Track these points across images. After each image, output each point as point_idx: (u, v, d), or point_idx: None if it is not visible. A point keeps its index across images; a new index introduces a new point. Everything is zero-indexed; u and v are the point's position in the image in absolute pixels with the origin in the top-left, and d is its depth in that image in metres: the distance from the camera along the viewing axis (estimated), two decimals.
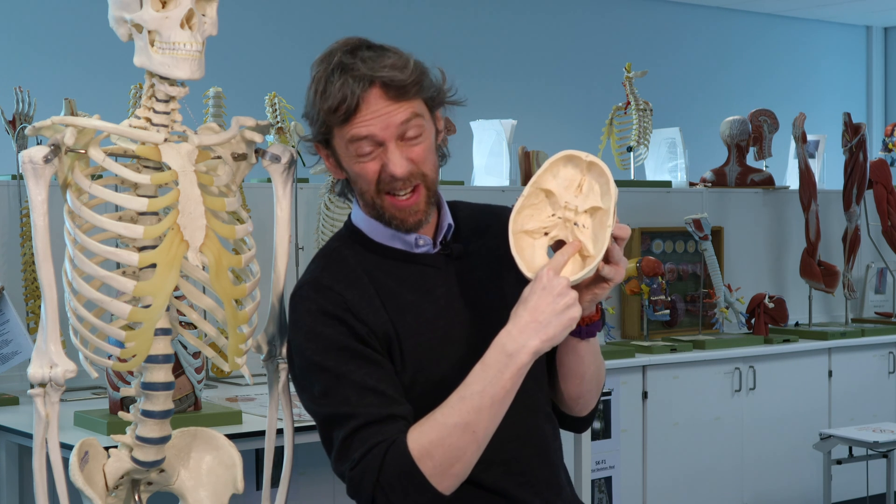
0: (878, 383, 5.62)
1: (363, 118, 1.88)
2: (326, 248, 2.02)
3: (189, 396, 3.36)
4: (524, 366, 1.79)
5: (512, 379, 1.78)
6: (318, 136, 1.95)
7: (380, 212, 1.94)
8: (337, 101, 1.87)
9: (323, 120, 1.90)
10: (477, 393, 1.78)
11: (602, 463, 4.72)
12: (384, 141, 1.89)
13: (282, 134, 4.36)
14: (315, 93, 1.90)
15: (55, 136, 1.98)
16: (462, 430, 1.78)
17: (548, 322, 1.77)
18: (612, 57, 7.86)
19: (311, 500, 4.16)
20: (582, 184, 1.88)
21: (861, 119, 8.98)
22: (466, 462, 1.80)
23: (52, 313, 1.99)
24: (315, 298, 1.91)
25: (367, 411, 1.82)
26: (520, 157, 5.24)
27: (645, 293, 5.04)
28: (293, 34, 7.04)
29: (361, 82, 1.87)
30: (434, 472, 1.78)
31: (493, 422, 1.80)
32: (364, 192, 1.94)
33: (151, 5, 1.94)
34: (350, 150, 1.90)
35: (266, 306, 2.16)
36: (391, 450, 1.79)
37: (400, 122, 1.89)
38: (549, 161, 1.89)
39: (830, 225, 5.99)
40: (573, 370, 2.02)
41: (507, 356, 1.78)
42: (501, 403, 1.79)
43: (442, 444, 1.78)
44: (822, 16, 9.31)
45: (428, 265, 1.98)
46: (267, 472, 2.25)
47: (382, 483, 1.79)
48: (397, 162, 1.89)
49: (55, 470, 2.01)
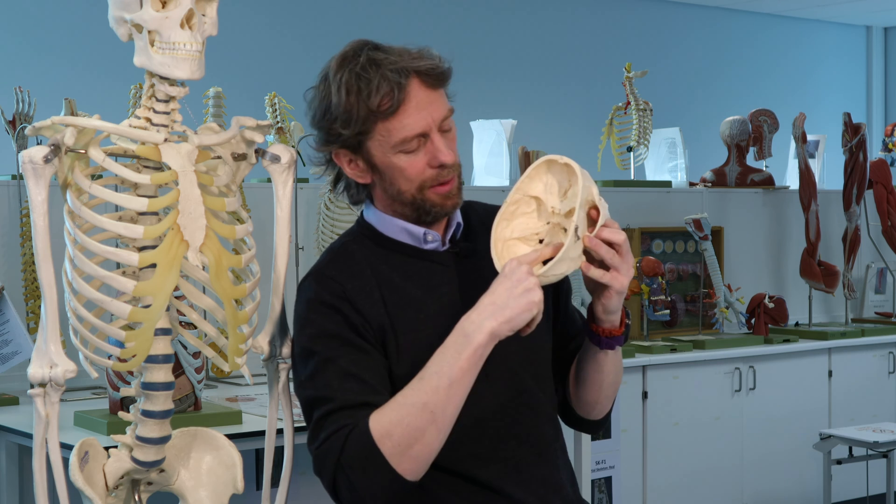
0: (878, 383, 5.61)
1: (411, 110, 1.88)
2: (336, 243, 2.04)
3: (189, 396, 3.36)
4: (480, 346, 1.80)
5: (469, 359, 1.79)
6: (351, 139, 1.91)
7: (419, 205, 1.94)
8: (381, 94, 1.86)
9: (364, 117, 1.88)
10: (434, 373, 1.80)
11: (602, 463, 4.72)
12: (429, 131, 1.90)
13: (282, 134, 4.35)
14: (348, 93, 1.87)
15: (55, 136, 1.98)
16: (420, 409, 1.79)
17: (505, 304, 1.79)
18: (612, 57, 7.86)
19: (311, 500, 4.15)
20: (568, 188, 1.90)
21: (861, 119, 8.97)
22: (427, 444, 1.80)
23: (52, 313, 1.98)
24: (315, 288, 1.94)
25: (344, 396, 1.85)
26: (520, 157, 5.24)
27: (645, 293, 5.04)
28: (293, 34, 7.04)
29: (402, 74, 1.86)
30: (393, 452, 1.79)
31: (452, 402, 1.80)
32: (403, 192, 1.94)
33: (151, 5, 1.94)
34: (396, 145, 1.89)
35: (266, 306, 2.16)
36: (354, 431, 1.81)
37: (444, 115, 1.91)
38: (530, 168, 1.92)
39: (830, 225, 5.98)
40: (591, 377, 2.04)
41: (464, 337, 1.80)
42: (459, 383, 1.80)
43: (400, 424, 1.80)
44: (822, 16, 9.31)
45: (435, 262, 1.98)
46: (267, 472, 2.25)
47: (342, 463, 1.81)
48: (445, 150, 1.91)
49: (55, 470, 2.01)
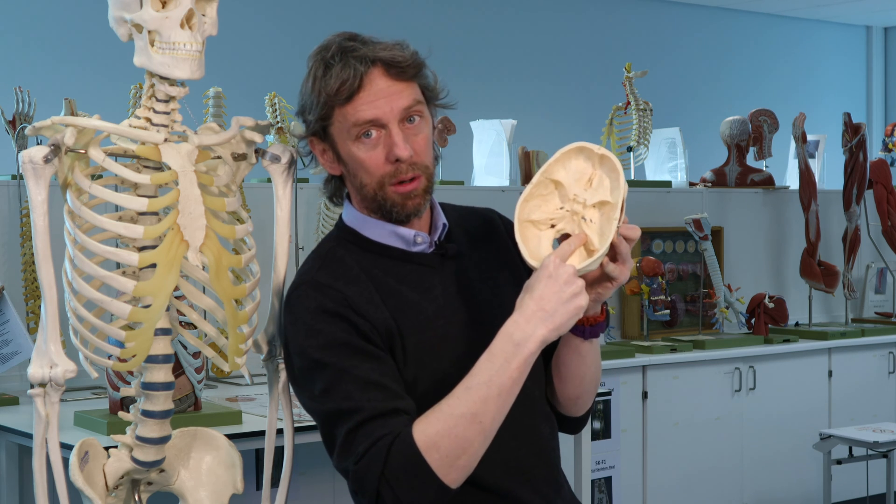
0: (878, 383, 5.61)
1: (367, 97, 1.86)
2: (319, 249, 1.99)
3: (189, 396, 3.36)
4: (531, 355, 1.76)
5: (519, 368, 1.76)
6: (315, 125, 1.91)
7: (381, 202, 1.91)
8: (339, 80, 1.85)
9: (323, 102, 1.88)
10: (484, 383, 1.76)
11: (602, 463, 4.72)
12: (387, 123, 1.87)
13: (282, 134, 4.35)
14: (314, 79, 1.89)
15: (55, 136, 1.98)
16: (469, 420, 1.75)
17: (554, 310, 1.75)
18: (612, 57, 7.86)
19: (311, 500, 4.15)
20: (592, 177, 1.85)
21: (861, 119, 8.98)
22: (473, 454, 1.77)
23: (52, 313, 1.98)
24: (314, 296, 1.87)
25: (371, 405, 1.78)
26: (520, 157, 5.24)
27: (645, 293, 5.04)
28: (293, 34, 7.03)
29: (363, 62, 1.86)
30: (441, 464, 1.75)
31: (501, 412, 1.77)
32: (365, 185, 1.92)
33: (151, 5, 1.94)
34: (352, 132, 1.88)
35: (266, 306, 2.16)
36: (396, 442, 1.75)
37: (404, 106, 1.88)
38: (560, 151, 1.86)
39: (830, 225, 5.99)
40: (574, 371, 2.00)
41: (514, 345, 1.76)
42: (509, 393, 1.77)
43: (448, 435, 1.75)
44: (822, 16, 9.31)
45: (424, 264, 1.96)
46: (267, 472, 2.25)
47: (387, 476, 1.74)
48: (401, 143, 1.87)
49: (55, 470, 2.01)
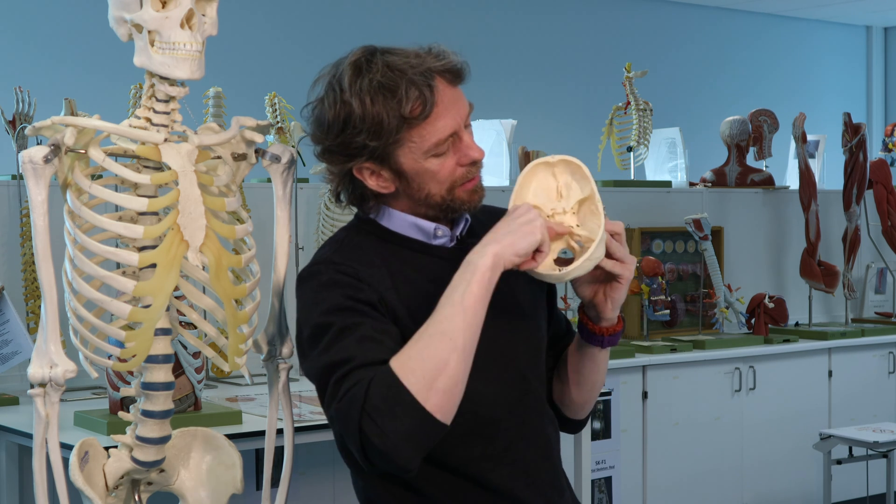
0: (878, 383, 5.61)
1: (441, 112, 1.85)
2: (337, 236, 1.98)
3: (189, 396, 3.36)
4: (487, 268, 1.77)
5: (479, 284, 1.77)
6: (376, 151, 1.85)
7: (448, 205, 1.91)
8: (412, 100, 1.82)
9: (396, 127, 1.83)
10: (447, 304, 1.78)
11: (602, 463, 4.72)
12: (458, 130, 1.88)
13: (282, 134, 4.36)
14: (373, 103, 1.82)
15: (55, 136, 1.98)
16: (439, 338, 1.75)
17: (505, 234, 1.79)
18: (612, 57, 7.86)
19: (311, 500, 4.15)
20: (560, 188, 1.89)
21: (861, 119, 8.97)
22: (451, 375, 1.75)
23: (52, 313, 1.99)
24: (326, 271, 1.87)
25: (364, 356, 1.78)
26: (520, 157, 5.24)
27: (645, 293, 5.04)
28: (293, 34, 7.04)
29: (427, 76, 1.83)
30: (420, 387, 1.73)
31: (469, 328, 1.77)
32: (432, 195, 1.90)
33: (151, 5, 1.94)
34: (429, 150, 1.86)
35: (266, 306, 2.16)
36: (376, 376, 1.75)
37: (468, 111, 1.90)
38: (520, 177, 1.89)
39: (830, 225, 5.98)
40: (588, 378, 2.04)
41: (469, 266, 1.79)
42: (473, 311, 1.77)
43: (421, 356, 1.75)
44: (822, 16, 9.31)
45: (443, 258, 1.95)
46: (267, 472, 2.25)
47: (368, 409, 1.73)
48: (475, 146, 1.90)
49: (55, 470, 2.01)
